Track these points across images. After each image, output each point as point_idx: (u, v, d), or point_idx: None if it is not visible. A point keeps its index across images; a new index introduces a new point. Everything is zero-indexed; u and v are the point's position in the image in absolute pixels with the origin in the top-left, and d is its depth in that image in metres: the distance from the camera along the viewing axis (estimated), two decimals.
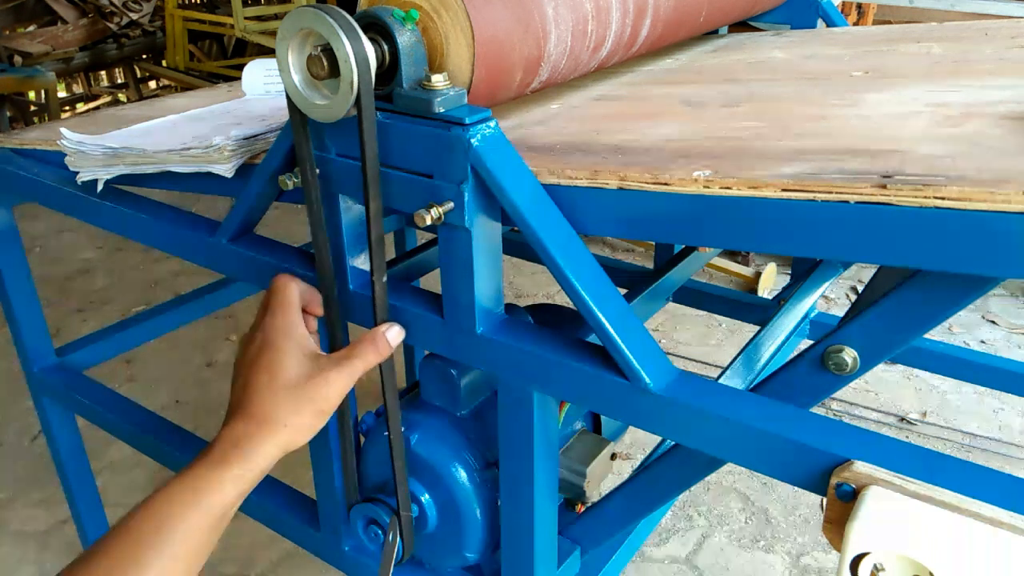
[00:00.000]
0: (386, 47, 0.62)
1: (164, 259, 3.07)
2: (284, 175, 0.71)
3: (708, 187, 0.57)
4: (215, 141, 0.79)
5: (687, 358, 2.39)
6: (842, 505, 0.53)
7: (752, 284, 2.75)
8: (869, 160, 0.57)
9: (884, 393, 2.21)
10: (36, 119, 4.37)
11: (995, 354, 2.12)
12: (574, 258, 0.62)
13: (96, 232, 3.27)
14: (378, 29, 0.62)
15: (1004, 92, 0.73)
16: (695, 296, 1.55)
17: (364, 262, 0.76)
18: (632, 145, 0.67)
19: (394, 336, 0.70)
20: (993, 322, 2.56)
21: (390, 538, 0.79)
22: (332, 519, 0.91)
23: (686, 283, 1.41)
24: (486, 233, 0.65)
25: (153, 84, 5.44)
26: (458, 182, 0.61)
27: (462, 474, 0.79)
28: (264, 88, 1.14)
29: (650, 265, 1.77)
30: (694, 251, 1.31)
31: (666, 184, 0.59)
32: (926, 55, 0.94)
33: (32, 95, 4.39)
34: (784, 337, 1.19)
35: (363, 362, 0.68)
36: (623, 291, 0.79)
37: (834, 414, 2.13)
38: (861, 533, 0.49)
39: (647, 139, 0.69)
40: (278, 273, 0.73)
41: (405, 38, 0.62)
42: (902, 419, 2.10)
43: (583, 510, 0.85)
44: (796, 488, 0.67)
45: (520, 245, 1.50)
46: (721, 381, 0.96)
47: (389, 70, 0.63)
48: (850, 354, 0.64)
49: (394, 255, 1.54)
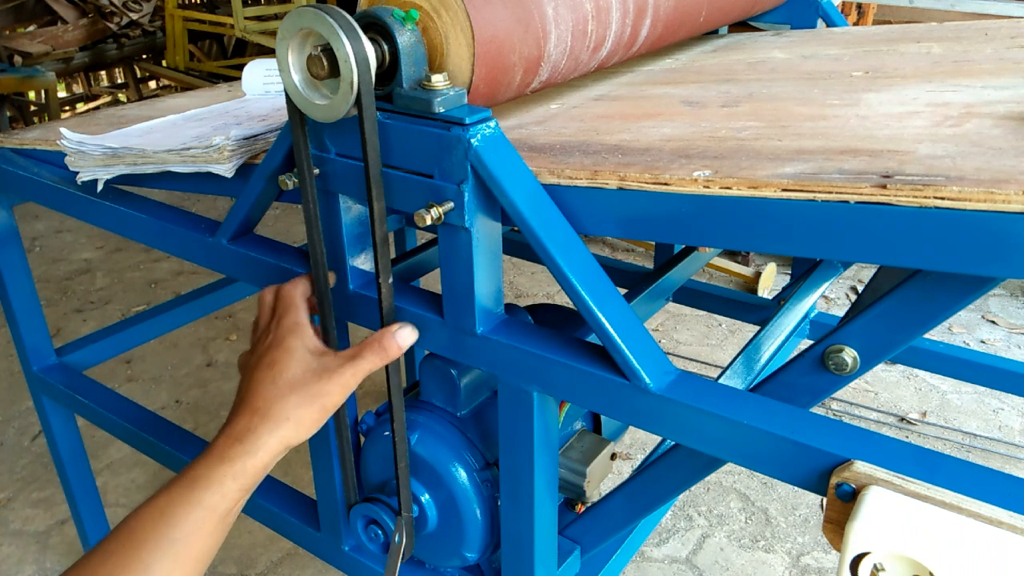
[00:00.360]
0: (386, 47, 0.62)
1: (164, 259, 3.07)
2: (284, 175, 0.71)
3: (708, 187, 0.57)
4: (215, 141, 0.79)
5: (687, 358, 2.39)
6: (842, 505, 0.53)
7: (752, 284, 2.75)
8: (869, 160, 0.57)
9: (884, 393, 2.21)
10: (36, 119, 4.37)
11: (995, 354, 2.12)
12: (574, 258, 0.62)
13: (96, 232, 3.27)
14: (378, 29, 0.62)
15: (1004, 92, 0.73)
16: (695, 296, 1.55)
17: (364, 262, 0.76)
18: (632, 145, 0.67)
19: (404, 337, 0.69)
20: (993, 322, 2.56)
21: (396, 539, 0.79)
22: (332, 519, 0.91)
23: (686, 283, 1.41)
24: (486, 233, 0.65)
25: (153, 84, 5.45)
26: (458, 182, 0.61)
27: (462, 474, 0.79)
28: (264, 88, 1.14)
29: (650, 265, 1.77)
30: (694, 251, 1.31)
31: (666, 184, 0.59)
32: (926, 55, 0.94)
33: (32, 95, 4.40)
34: (784, 337, 1.19)
35: (369, 363, 0.67)
36: (623, 291, 0.79)
37: (834, 414, 2.13)
38: (861, 533, 0.49)
39: (647, 139, 0.69)
40: (291, 279, 0.74)
41: (405, 38, 0.62)
42: (902, 419, 2.10)
43: (583, 510, 0.85)
44: (796, 488, 0.67)
45: (520, 245, 1.50)
46: (721, 381, 0.96)
47: (389, 70, 0.63)
48: (850, 354, 0.64)
49: (394, 255, 1.54)
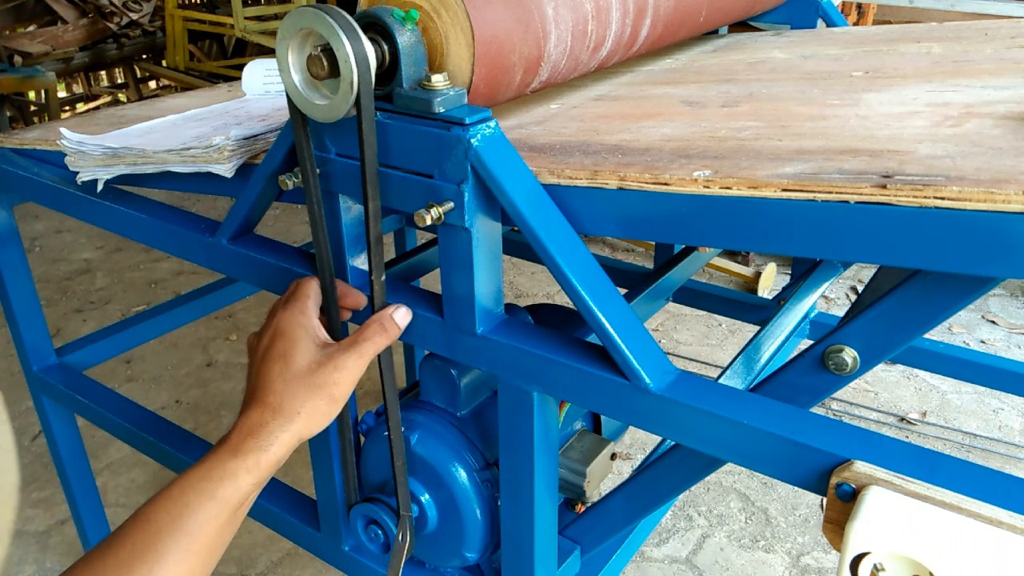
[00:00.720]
0: (386, 47, 0.62)
1: (164, 259, 3.07)
2: (284, 175, 0.71)
3: (708, 187, 0.57)
4: (215, 141, 0.79)
5: (687, 358, 2.39)
6: (842, 505, 0.53)
7: (752, 284, 2.75)
8: (869, 160, 0.57)
9: (884, 393, 2.21)
10: (36, 119, 4.37)
11: (995, 354, 2.12)
12: (574, 258, 0.62)
13: (96, 232, 3.27)
14: (378, 29, 0.62)
15: (1004, 92, 0.73)
16: (695, 296, 1.55)
17: (364, 262, 0.76)
18: (632, 145, 0.67)
19: (401, 316, 0.70)
20: (993, 322, 2.56)
21: (400, 538, 0.79)
22: (332, 519, 0.91)
23: (686, 283, 1.41)
24: (486, 233, 0.65)
25: (153, 84, 5.45)
26: (458, 182, 0.61)
27: (462, 474, 0.79)
28: (264, 88, 1.14)
29: (650, 265, 1.77)
30: (694, 251, 1.31)
31: (666, 184, 0.59)
32: (926, 55, 0.94)
33: (32, 95, 4.40)
34: (784, 337, 1.19)
35: (373, 344, 0.68)
36: (623, 291, 0.79)
37: (834, 414, 2.13)
38: (861, 533, 0.49)
39: (647, 139, 0.69)
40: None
41: (405, 38, 0.62)
42: (902, 419, 2.10)
43: (583, 510, 0.85)
44: (796, 488, 0.67)
45: (520, 245, 1.50)
46: (721, 381, 0.96)
47: (389, 70, 0.63)
48: (850, 354, 0.64)
49: (394, 255, 1.54)
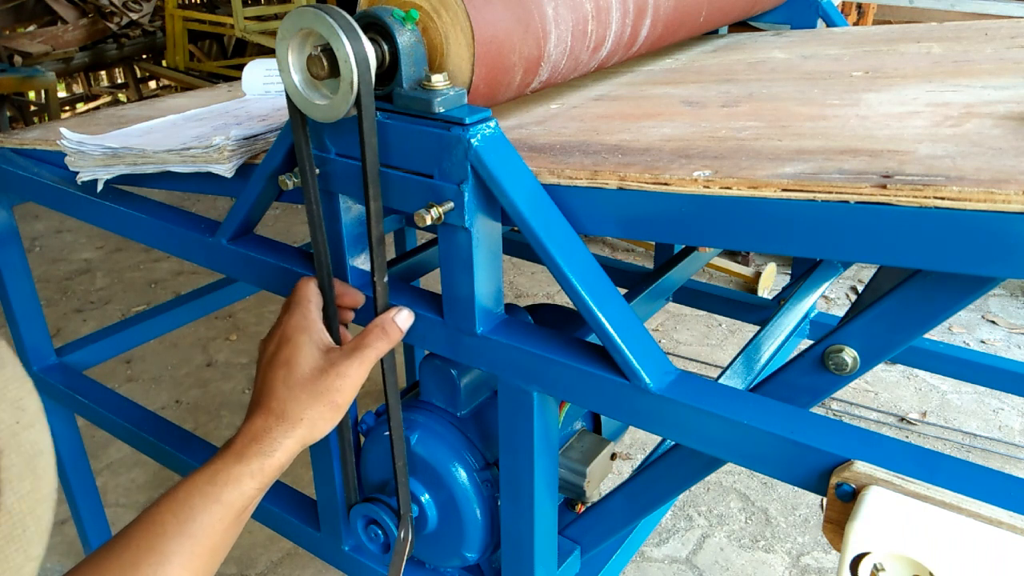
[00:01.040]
0: (386, 47, 0.62)
1: (164, 259, 3.07)
2: (284, 175, 0.71)
3: (708, 187, 0.57)
4: (215, 141, 0.79)
5: (687, 358, 2.39)
6: (842, 505, 0.53)
7: (752, 284, 2.75)
8: (869, 160, 0.57)
9: (884, 393, 2.21)
10: (36, 119, 4.37)
11: (995, 354, 2.12)
12: (574, 258, 0.62)
13: (96, 232, 3.27)
14: (378, 29, 0.62)
15: (1004, 92, 0.73)
16: (695, 296, 1.55)
17: (364, 262, 0.76)
18: (632, 145, 0.67)
19: (403, 320, 0.70)
20: (993, 322, 2.56)
21: (401, 535, 0.79)
22: (332, 519, 0.91)
23: (686, 283, 1.41)
24: (486, 233, 0.65)
25: (153, 84, 5.45)
26: (458, 182, 0.61)
27: (462, 474, 0.79)
28: (264, 88, 1.14)
29: (650, 265, 1.77)
30: (694, 251, 1.31)
31: (666, 184, 0.59)
32: (926, 55, 0.94)
33: (32, 95, 4.40)
34: (784, 337, 1.19)
35: (375, 350, 0.68)
36: (623, 291, 0.79)
37: (834, 414, 2.13)
38: (861, 533, 0.49)
39: (647, 139, 0.69)
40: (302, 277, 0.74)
41: (405, 38, 0.62)
42: (902, 419, 2.10)
43: (583, 510, 0.85)
44: (796, 488, 0.67)
45: (520, 245, 1.50)
46: (721, 381, 0.96)
47: (389, 70, 0.63)
48: (850, 354, 0.64)
49: (394, 255, 1.54)
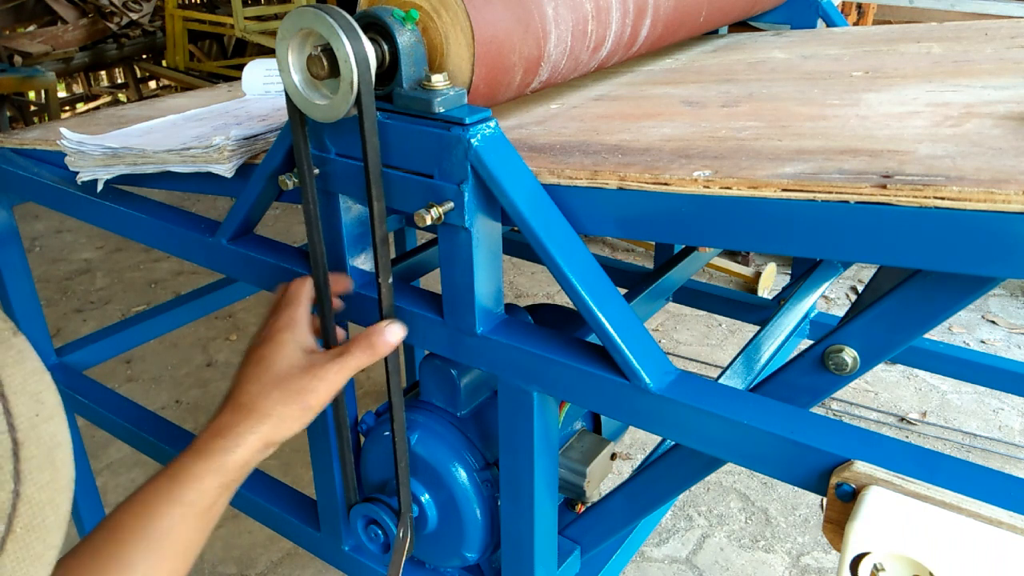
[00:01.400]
0: (386, 47, 0.62)
1: (164, 259, 3.07)
2: (284, 175, 0.71)
3: (708, 187, 0.57)
4: (215, 141, 0.79)
5: (687, 358, 2.39)
6: (842, 505, 0.53)
7: (752, 284, 2.75)
8: (869, 160, 0.57)
9: (884, 393, 2.21)
10: (36, 119, 4.38)
11: (995, 354, 2.13)
12: (574, 258, 0.62)
13: (96, 232, 3.27)
14: (378, 29, 0.62)
15: (1004, 92, 0.73)
16: (695, 296, 1.55)
17: (364, 262, 0.76)
18: (632, 145, 0.67)
19: (394, 334, 0.68)
20: (993, 322, 2.56)
21: (400, 534, 0.79)
22: (332, 519, 0.91)
23: (686, 283, 1.41)
24: (486, 233, 0.65)
25: (153, 84, 5.45)
26: (458, 182, 0.61)
27: (462, 474, 0.79)
28: (264, 88, 1.14)
29: (650, 265, 1.77)
30: (694, 251, 1.31)
31: (666, 184, 0.59)
32: (926, 55, 0.94)
33: (32, 95, 4.40)
34: (784, 337, 1.19)
35: (357, 360, 0.66)
36: (623, 291, 0.79)
37: (834, 414, 2.13)
38: (861, 533, 0.49)
39: (647, 139, 0.69)
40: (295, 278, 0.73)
41: (405, 38, 0.62)
42: (902, 419, 2.10)
43: (583, 510, 0.85)
44: (796, 488, 0.67)
45: (520, 245, 1.50)
46: (721, 381, 0.96)
47: (389, 70, 0.63)
48: (850, 354, 0.64)
49: (394, 255, 1.54)
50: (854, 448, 0.54)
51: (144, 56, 5.08)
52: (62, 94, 5.00)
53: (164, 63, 5.03)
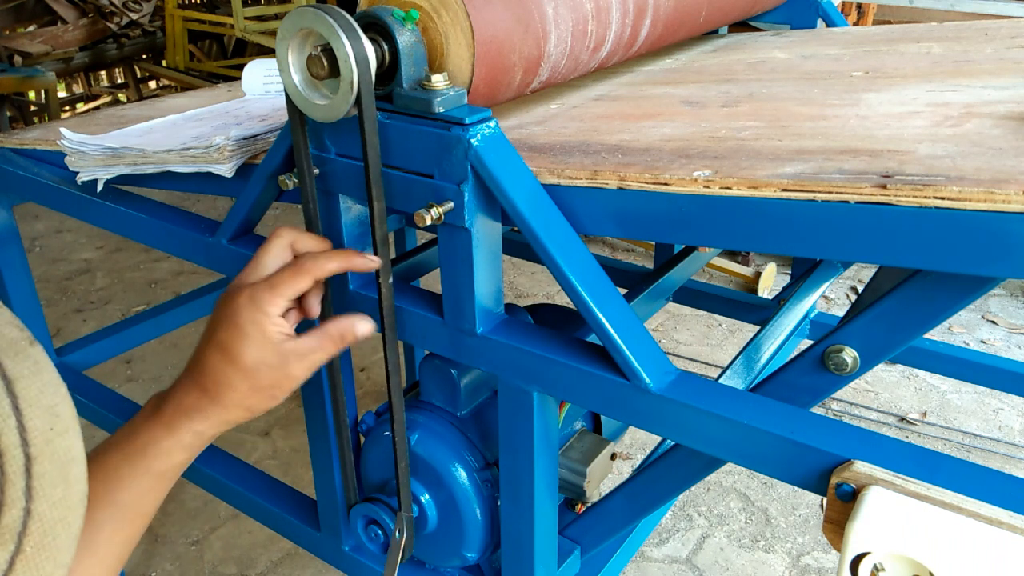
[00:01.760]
0: (386, 47, 0.62)
1: (164, 259, 3.07)
2: (284, 175, 0.71)
3: (708, 187, 0.57)
4: (215, 141, 0.79)
5: (687, 358, 2.39)
6: (842, 505, 0.53)
7: (752, 284, 2.75)
8: (869, 160, 0.57)
9: (884, 393, 2.21)
10: (36, 119, 4.38)
11: (995, 354, 2.13)
12: (574, 258, 0.62)
13: (96, 232, 3.27)
14: (378, 29, 0.62)
15: (1004, 92, 0.73)
16: (695, 296, 1.55)
17: None
18: (632, 145, 0.67)
19: (361, 329, 0.67)
20: (993, 322, 2.56)
21: (397, 534, 0.79)
22: (332, 519, 0.91)
23: (686, 283, 1.41)
24: (486, 233, 0.65)
25: (153, 84, 5.45)
26: (458, 182, 0.61)
27: (462, 474, 0.79)
28: (264, 88, 1.14)
29: (650, 265, 1.77)
30: (694, 251, 1.31)
31: (666, 184, 0.59)
32: (926, 55, 0.94)
33: (32, 95, 4.40)
34: (784, 337, 1.19)
35: (325, 354, 0.66)
36: (623, 291, 0.79)
37: (834, 414, 2.13)
38: (861, 533, 0.49)
39: (647, 139, 0.69)
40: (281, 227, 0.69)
41: (405, 38, 0.62)
42: (902, 419, 2.10)
43: (583, 510, 0.85)
44: (796, 488, 0.67)
45: (520, 245, 1.50)
46: (721, 381, 0.96)
47: (389, 70, 0.63)
48: (850, 354, 0.64)
49: (394, 255, 1.53)
50: (854, 448, 0.54)
51: (144, 56, 5.08)
52: (62, 94, 5.01)
53: (164, 63, 5.03)
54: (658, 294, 1.22)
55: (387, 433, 0.82)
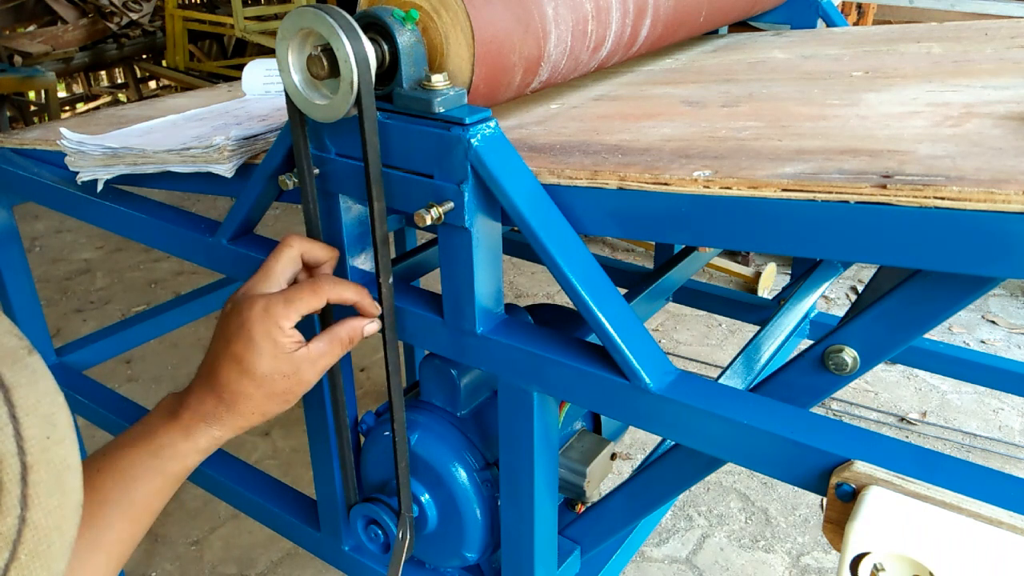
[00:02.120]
0: (386, 47, 0.62)
1: (164, 259, 3.07)
2: (284, 175, 0.71)
3: (708, 187, 0.57)
4: (215, 141, 0.79)
5: (687, 358, 2.39)
6: (842, 505, 0.53)
7: (752, 284, 2.75)
8: (869, 160, 0.57)
9: (884, 393, 2.21)
10: (36, 119, 4.38)
11: (995, 354, 2.12)
12: (574, 258, 0.62)
13: (96, 232, 3.27)
14: (378, 29, 0.62)
15: (1004, 92, 0.73)
16: (695, 296, 1.55)
17: (364, 262, 0.76)
18: (632, 145, 0.67)
19: (370, 329, 0.70)
20: (993, 322, 2.56)
21: (400, 535, 0.79)
22: (332, 519, 0.91)
23: (686, 283, 1.41)
24: (486, 233, 0.65)
25: (153, 84, 5.45)
26: (458, 182, 0.61)
27: (462, 474, 0.79)
28: (264, 88, 1.14)
29: (650, 265, 1.77)
30: (694, 251, 1.31)
31: (666, 184, 0.59)
32: (926, 55, 0.94)
33: (32, 95, 4.40)
34: (784, 337, 1.19)
35: (335, 357, 0.68)
36: (623, 291, 0.79)
37: (834, 414, 2.13)
38: (861, 533, 0.49)
39: (647, 139, 0.69)
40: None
41: (405, 38, 0.62)
42: (902, 419, 2.10)
43: (583, 510, 0.85)
44: (796, 488, 0.67)
45: (520, 245, 1.50)
46: (721, 381, 0.96)
47: (389, 70, 0.63)
48: (850, 354, 0.64)
49: (394, 255, 1.54)
50: (854, 448, 0.54)
51: (144, 56, 5.08)
52: (62, 94, 5.01)
53: (164, 63, 5.03)
54: (658, 294, 1.22)
55: (387, 433, 0.82)
